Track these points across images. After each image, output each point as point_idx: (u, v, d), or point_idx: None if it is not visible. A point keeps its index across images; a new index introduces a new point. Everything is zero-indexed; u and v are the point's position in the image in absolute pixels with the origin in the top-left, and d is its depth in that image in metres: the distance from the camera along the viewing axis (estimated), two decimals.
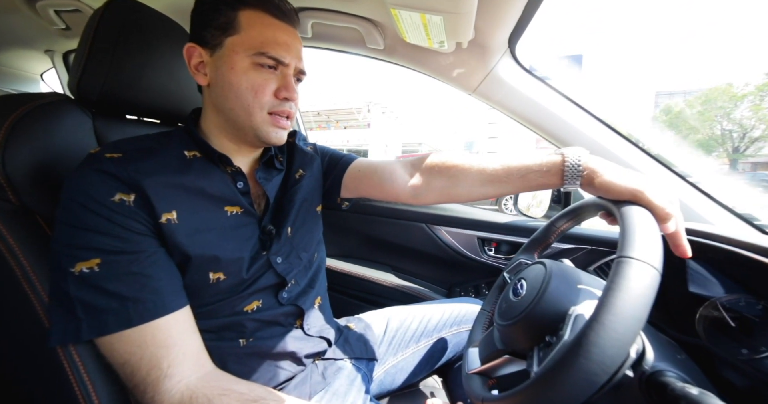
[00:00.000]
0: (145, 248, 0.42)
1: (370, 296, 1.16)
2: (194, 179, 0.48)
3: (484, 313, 0.68)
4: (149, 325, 0.40)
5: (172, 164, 0.47)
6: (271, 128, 0.51)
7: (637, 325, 0.30)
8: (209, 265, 0.47)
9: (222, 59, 0.48)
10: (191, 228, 0.46)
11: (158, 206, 0.43)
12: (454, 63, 0.79)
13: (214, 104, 0.51)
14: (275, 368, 0.56)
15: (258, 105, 0.49)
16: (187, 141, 0.51)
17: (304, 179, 0.64)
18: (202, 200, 0.48)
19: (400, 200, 0.65)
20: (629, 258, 0.33)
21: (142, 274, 0.41)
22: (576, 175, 0.47)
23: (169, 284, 0.43)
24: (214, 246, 0.48)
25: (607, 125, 0.74)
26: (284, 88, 0.50)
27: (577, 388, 0.31)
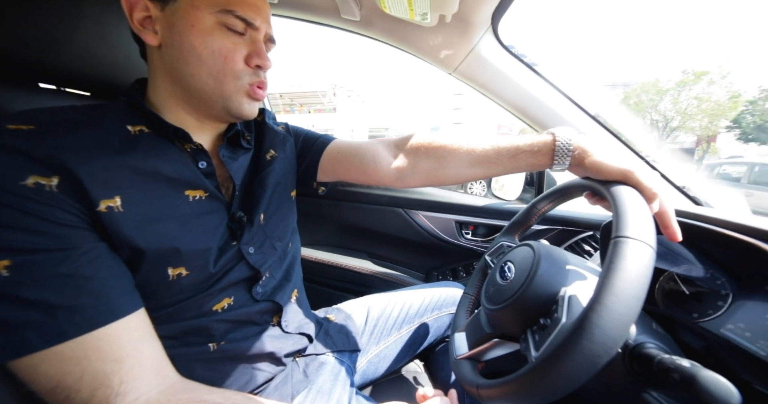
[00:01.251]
0: (77, 244, 0.34)
1: (346, 284, 1.14)
2: (143, 158, 0.40)
3: (467, 297, 0.68)
4: (90, 336, 0.33)
5: (111, 141, 0.39)
6: (244, 98, 0.46)
7: (638, 304, 0.30)
8: (168, 259, 0.41)
9: (178, 15, 0.41)
10: (143, 217, 0.39)
11: (94, 191, 0.35)
12: (435, 39, 0.75)
13: (168, 70, 0.44)
14: (252, 370, 0.51)
15: (231, 74, 0.44)
16: (129, 114, 0.43)
17: (276, 161, 0.58)
18: (156, 183, 0.41)
19: (383, 183, 0.62)
20: (626, 238, 0.33)
21: (77, 275, 0.33)
22: (566, 155, 0.46)
23: (117, 285, 0.36)
24: (173, 237, 0.41)
25: (584, 111, 0.75)
26: (256, 55, 0.45)
27: (579, 370, 0.30)
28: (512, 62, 0.75)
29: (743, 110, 20.07)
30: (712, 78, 21.18)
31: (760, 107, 18.88)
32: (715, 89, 21.52)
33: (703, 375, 0.29)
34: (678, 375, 0.31)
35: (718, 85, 21.37)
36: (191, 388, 0.40)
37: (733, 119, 20.49)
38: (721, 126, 21.38)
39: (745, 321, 0.45)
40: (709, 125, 21.38)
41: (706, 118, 21.33)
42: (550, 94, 0.75)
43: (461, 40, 0.73)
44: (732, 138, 20.98)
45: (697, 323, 0.47)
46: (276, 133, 0.61)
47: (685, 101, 22.05)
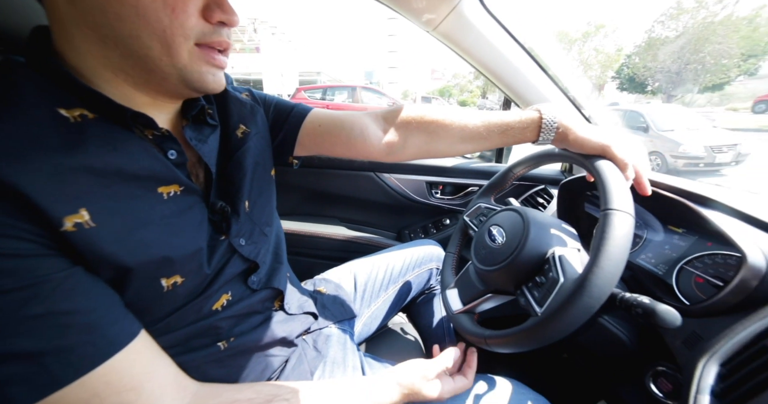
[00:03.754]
0: (44, 276, 0.28)
1: (323, 252, 1.14)
2: (98, 155, 0.32)
3: (450, 255, 0.75)
4: (94, 374, 0.29)
5: (46, 135, 0.30)
6: (205, 67, 0.36)
7: (623, 263, 0.38)
8: (159, 271, 0.36)
9: None
10: (120, 228, 0.32)
11: (50, 207, 0.28)
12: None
13: (90, 27, 0.31)
14: (266, 358, 0.50)
15: (181, 32, 0.33)
16: (55, 91, 0.32)
17: (250, 139, 0.52)
18: (123, 185, 0.33)
19: (372, 157, 0.60)
20: (614, 210, 0.40)
21: (54, 313, 0.28)
22: (551, 131, 0.50)
23: (107, 313, 0.31)
24: (160, 245, 0.35)
25: (553, 80, 0.80)
26: (218, 6, 0.34)
27: (577, 318, 0.38)
28: (493, 26, 0.74)
29: (623, 63, 23.31)
30: (607, 31, 23.68)
31: (633, 61, 22.17)
32: (608, 42, 24.30)
33: (659, 308, 0.39)
34: (641, 309, 0.42)
35: (610, 38, 24.11)
36: (217, 391, 0.39)
37: (616, 70, 23.79)
38: (608, 76, 24.74)
39: (652, 252, 0.61)
40: (601, 74, 24.49)
41: (599, 68, 24.26)
42: (524, 60, 0.78)
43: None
44: (614, 87, 24.63)
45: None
46: (242, 103, 0.53)
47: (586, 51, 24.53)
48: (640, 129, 6.40)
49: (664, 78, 19.72)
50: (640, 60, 21.51)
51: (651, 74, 20.91)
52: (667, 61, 19.64)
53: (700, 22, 19.20)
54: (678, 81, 19.33)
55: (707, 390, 0.36)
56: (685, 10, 20.12)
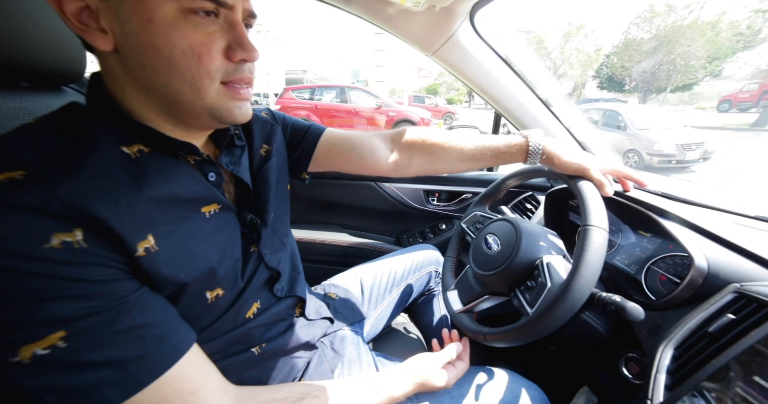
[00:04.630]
0: (125, 297, 0.32)
1: (328, 257, 1.21)
2: (159, 186, 0.36)
3: (449, 259, 0.83)
4: (164, 378, 0.33)
5: (120, 172, 0.34)
6: (231, 102, 0.39)
7: (598, 271, 0.46)
8: (205, 284, 0.40)
9: (126, 6, 0.32)
10: (177, 249, 0.36)
11: (128, 236, 0.32)
12: (418, 23, 0.75)
13: (135, 78, 0.36)
14: (292, 360, 0.55)
15: (208, 76, 0.36)
16: (114, 131, 0.36)
17: (272, 157, 0.57)
18: (177, 209, 0.38)
19: (380, 174, 0.67)
20: (591, 226, 0.48)
21: (134, 327, 0.32)
22: (537, 155, 0.59)
23: (171, 324, 0.35)
24: (206, 260, 0.39)
25: (537, 96, 0.89)
26: (239, 46, 0.37)
27: (562, 317, 0.46)
28: (486, 52, 0.82)
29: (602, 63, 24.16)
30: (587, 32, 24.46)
31: (612, 61, 23.04)
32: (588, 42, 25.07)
33: (628, 305, 0.46)
34: (614, 307, 0.50)
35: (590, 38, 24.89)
36: (255, 393, 0.43)
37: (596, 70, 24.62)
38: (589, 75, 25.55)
39: (626, 254, 0.71)
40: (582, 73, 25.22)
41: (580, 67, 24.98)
42: (515, 83, 0.86)
43: (442, 27, 0.76)
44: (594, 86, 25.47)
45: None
46: (264, 122, 0.58)
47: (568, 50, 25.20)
48: (618, 127, 6.70)
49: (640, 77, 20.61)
50: (618, 60, 22.35)
51: (628, 74, 21.80)
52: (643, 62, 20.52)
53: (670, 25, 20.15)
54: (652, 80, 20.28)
55: (664, 369, 0.45)
56: (657, 13, 21.01)
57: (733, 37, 20.60)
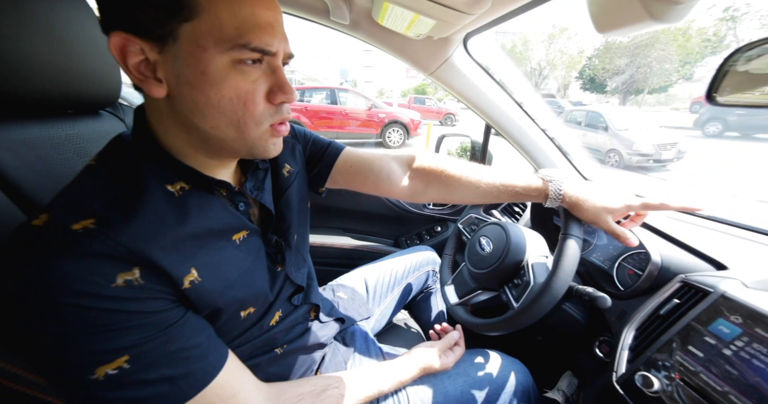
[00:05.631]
0: (174, 322, 0.36)
1: (333, 259, 1.28)
2: (199, 222, 0.40)
3: (447, 257, 0.93)
4: (208, 389, 0.37)
5: (167, 213, 0.38)
6: (270, 140, 0.42)
7: (573, 272, 0.55)
8: (240, 307, 0.45)
9: (182, 60, 0.35)
10: (216, 279, 0.41)
11: (176, 273, 0.36)
12: (418, 49, 0.84)
13: (181, 121, 0.39)
14: (310, 356, 0.61)
15: (252, 120, 0.39)
16: (159, 171, 0.39)
17: (294, 177, 0.60)
18: (212, 241, 0.42)
19: (395, 197, 0.70)
20: (568, 235, 0.57)
21: (182, 348, 0.36)
22: (557, 201, 0.59)
23: (210, 343, 0.40)
24: (240, 286, 0.44)
25: (525, 111, 0.99)
26: (279, 90, 0.40)
27: (542, 310, 0.56)
28: (480, 73, 0.91)
29: (584, 65, 24.92)
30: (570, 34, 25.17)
31: (593, 63, 23.82)
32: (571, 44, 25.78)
33: (597, 295, 0.58)
34: (587, 297, 0.61)
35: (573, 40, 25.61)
36: (282, 388, 0.48)
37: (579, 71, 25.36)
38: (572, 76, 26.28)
39: (601, 252, 0.81)
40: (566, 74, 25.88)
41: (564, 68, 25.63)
42: (504, 101, 0.96)
43: (438, 52, 0.85)
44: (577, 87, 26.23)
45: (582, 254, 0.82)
46: (285, 143, 0.60)
47: (553, 52, 25.82)
48: (601, 128, 6.99)
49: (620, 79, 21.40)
50: (600, 62, 23.11)
51: (609, 76, 22.56)
52: (622, 64, 21.29)
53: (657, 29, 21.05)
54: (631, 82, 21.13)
55: (627, 347, 0.55)
56: None
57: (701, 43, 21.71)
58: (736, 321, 0.44)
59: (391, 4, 0.61)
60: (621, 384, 0.51)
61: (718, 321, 0.46)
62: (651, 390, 0.46)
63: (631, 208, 0.57)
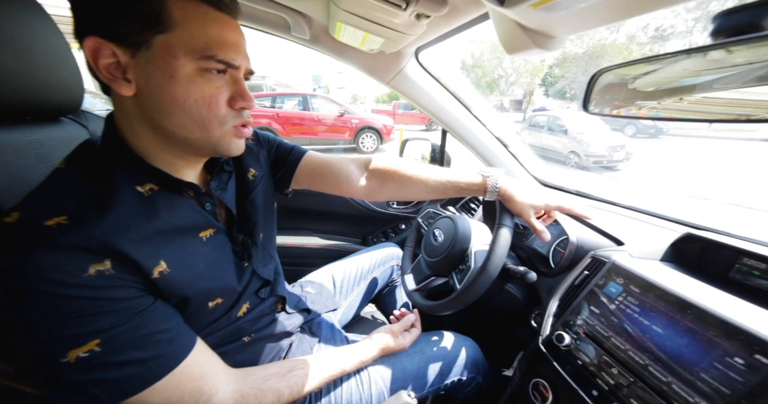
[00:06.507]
0: (144, 308, 0.40)
1: (303, 259, 1.33)
2: (168, 220, 0.44)
3: (408, 248, 1.01)
4: (178, 369, 0.41)
5: (138, 210, 0.41)
6: (232, 139, 0.47)
7: (505, 255, 0.64)
8: (207, 297, 0.49)
9: (154, 64, 0.39)
10: (184, 271, 0.44)
11: (145, 264, 0.40)
12: (373, 61, 0.93)
13: (147, 119, 0.42)
14: (277, 343, 0.65)
15: (216, 120, 0.44)
16: (131, 172, 0.43)
17: (259, 181, 0.64)
18: (181, 237, 0.46)
19: (353, 196, 0.77)
20: (502, 224, 0.66)
21: (152, 333, 0.40)
22: (494, 194, 0.67)
23: (179, 328, 0.44)
24: (207, 279, 0.48)
25: (472, 114, 1.10)
26: (240, 97, 0.45)
27: (481, 288, 0.64)
28: (429, 79, 1.01)
29: (546, 73, 26.59)
30: None
31: (554, 71, 25.55)
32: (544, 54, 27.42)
33: (525, 272, 0.68)
34: (518, 274, 0.71)
35: None
36: (251, 371, 0.52)
37: (542, 79, 27.00)
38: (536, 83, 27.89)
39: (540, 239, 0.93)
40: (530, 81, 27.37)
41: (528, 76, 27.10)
42: (454, 105, 1.06)
43: (393, 64, 0.94)
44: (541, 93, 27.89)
45: (524, 243, 0.93)
46: (249, 148, 0.64)
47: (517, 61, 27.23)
48: (561, 131, 7.50)
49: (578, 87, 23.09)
50: (560, 70, 24.77)
51: (568, 83, 24.25)
52: (578, 73, 22.98)
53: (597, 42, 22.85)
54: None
55: (551, 314, 0.65)
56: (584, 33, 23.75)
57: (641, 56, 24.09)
58: (620, 282, 0.55)
59: (344, 24, 0.69)
60: (545, 344, 0.61)
61: (610, 283, 0.57)
62: (563, 345, 0.56)
63: (548, 207, 0.65)
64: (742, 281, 0.52)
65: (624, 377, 0.47)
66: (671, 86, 0.48)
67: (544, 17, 0.45)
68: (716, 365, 0.40)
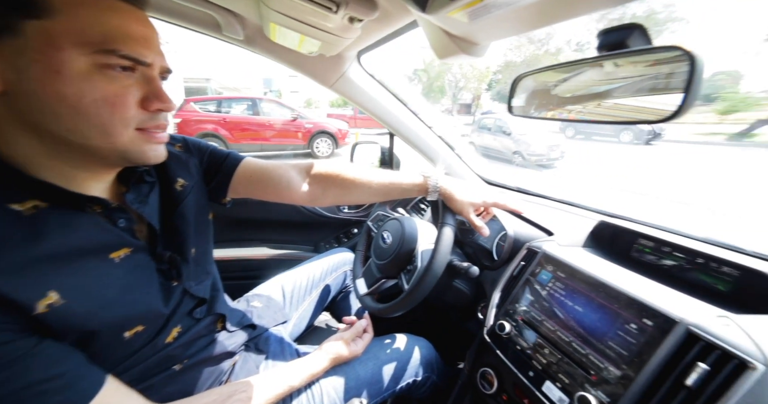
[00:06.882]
0: (24, 354, 0.32)
1: (250, 272, 1.25)
2: (60, 242, 0.37)
3: (359, 252, 1.01)
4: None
5: (13, 234, 0.34)
6: (146, 145, 0.42)
7: (449, 253, 0.66)
8: (121, 327, 0.42)
9: (28, 57, 0.33)
10: (86, 299, 0.38)
11: (23, 298, 0.33)
12: (315, 64, 0.91)
13: (27, 123, 0.35)
14: (216, 367, 0.59)
15: (122, 123, 0.38)
16: (1, 187, 0.35)
17: (189, 191, 0.58)
18: (82, 261, 0.39)
19: (296, 202, 0.72)
20: (445, 223, 0.69)
21: (40, 380, 0.33)
22: (435, 193, 0.69)
23: (80, 369, 0.37)
24: (121, 305, 0.41)
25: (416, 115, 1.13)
26: (155, 98, 0.40)
27: (427, 287, 0.65)
28: (372, 82, 1.02)
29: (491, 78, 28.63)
30: None
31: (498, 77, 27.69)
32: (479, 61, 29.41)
33: (468, 267, 0.72)
34: (462, 269, 0.74)
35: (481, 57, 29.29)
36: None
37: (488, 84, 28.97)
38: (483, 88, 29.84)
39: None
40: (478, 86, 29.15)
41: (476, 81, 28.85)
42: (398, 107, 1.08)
43: (335, 67, 0.93)
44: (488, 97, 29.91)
45: (470, 239, 0.97)
46: (177, 157, 0.59)
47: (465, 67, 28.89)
48: (505, 133, 8.08)
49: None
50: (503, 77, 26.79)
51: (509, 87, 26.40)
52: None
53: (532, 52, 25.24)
54: None
55: (495, 305, 0.69)
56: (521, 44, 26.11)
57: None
58: (549, 269, 0.60)
59: (277, 25, 0.66)
60: (489, 334, 0.64)
61: (542, 272, 0.62)
62: (504, 333, 0.60)
63: (486, 204, 0.68)
64: (639, 258, 0.61)
65: (554, 355, 0.51)
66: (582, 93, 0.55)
67: (465, 25, 0.47)
68: (619, 333, 0.47)
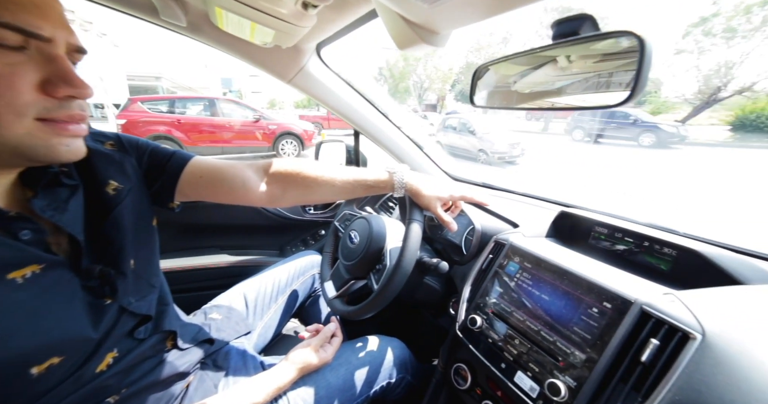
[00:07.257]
0: None
1: (208, 282, 1.16)
2: None
3: (327, 254, 0.97)
4: None
5: None
6: (54, 139, 0.35)
7: (417, 250, 0.64)
8: (25, 363, 0.35)
9: None
10: None
11: None
12: (271, 57, 0.86)
13: None
14: (166, 392, 0.53)
15: (11, 111, 0.32)
16: None
17: (125, 195, 0.51)
18: None
19: (253, 204, 0.67)
20: (412, 220, 0.66)
21: None
22: (401, 190, 0.66)
23: None
24: (25, 336, 0.34)
25: (382, 113, 1.11)
26: (62, 81, 0.34)
27: (397, 286, 0.63)
28: (334, 78, 0.98)
29: (455, 79, 29.62)
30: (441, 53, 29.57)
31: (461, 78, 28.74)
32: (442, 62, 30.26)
33: (437, 263, 0.71)
34: (432, 266, 0.73)
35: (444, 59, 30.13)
36: None
37: (451, 85, 29.93)
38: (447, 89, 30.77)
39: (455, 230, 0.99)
40: (442, 87, 30.00)
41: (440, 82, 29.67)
42: (359, 102, 1.06)
43: (293, 61, 0.88)
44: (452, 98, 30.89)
45: (439, 235, 0.97)
46: (107, 156, 0.51)
47: (429, 68, 29.59)
48: (470, 132, 8.37)
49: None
50: (465, 78, 27.82)
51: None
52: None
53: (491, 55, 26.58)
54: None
55: (465, 299, 0.68)
56: (481, 46, 27.31)
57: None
58: (516, 260, 0.61)
59: (224, 10, 0.61)
60: (461, 329, 0.64)
61: (510, 263, 0.62)
62: (476, 327, 0.59)
63: (453, 198, 0.67)
64: (596, 245, 0.64)
65: (524, 345, 0.51)
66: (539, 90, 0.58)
67: (426, 10, 0.46)
68: (582, 317, 0.48)
